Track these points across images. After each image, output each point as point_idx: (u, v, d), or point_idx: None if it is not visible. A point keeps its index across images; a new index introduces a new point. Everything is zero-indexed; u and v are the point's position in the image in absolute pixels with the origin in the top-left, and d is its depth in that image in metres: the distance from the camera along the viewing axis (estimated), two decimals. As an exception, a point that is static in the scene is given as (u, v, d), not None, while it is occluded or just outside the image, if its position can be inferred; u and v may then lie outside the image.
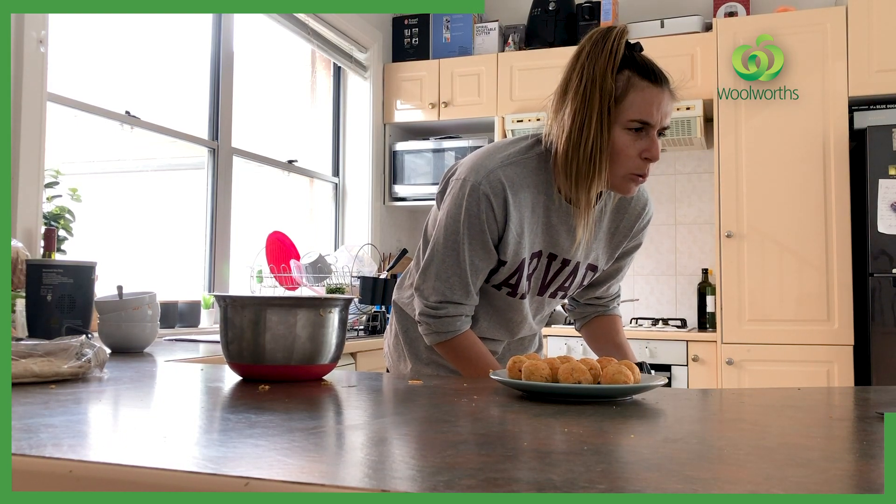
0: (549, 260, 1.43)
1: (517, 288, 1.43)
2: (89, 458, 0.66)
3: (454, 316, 1.39)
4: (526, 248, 1.39)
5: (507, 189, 1.33)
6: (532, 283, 1.46)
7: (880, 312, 3.12)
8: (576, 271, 1.46)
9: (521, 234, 1.37)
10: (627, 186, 1.34)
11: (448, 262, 1.36)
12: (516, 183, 1.34)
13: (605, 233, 1.47)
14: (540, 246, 1.41)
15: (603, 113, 1.27)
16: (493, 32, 4.08)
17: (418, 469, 0.66)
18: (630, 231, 1.49)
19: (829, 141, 3.31)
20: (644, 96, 1.28)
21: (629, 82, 1.28)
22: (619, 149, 1.29)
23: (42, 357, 1.15)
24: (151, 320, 1.91)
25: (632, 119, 1.28)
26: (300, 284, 3.13)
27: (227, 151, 3.12)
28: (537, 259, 1.42)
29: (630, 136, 1.29)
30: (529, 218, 1.37)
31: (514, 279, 1.41)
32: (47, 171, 2.22)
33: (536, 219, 1.38)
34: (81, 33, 2.60)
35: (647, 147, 1.30)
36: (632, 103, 1.27)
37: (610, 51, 1.27)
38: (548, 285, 1.47)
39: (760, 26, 3.43)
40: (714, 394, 1.27)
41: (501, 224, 1.34)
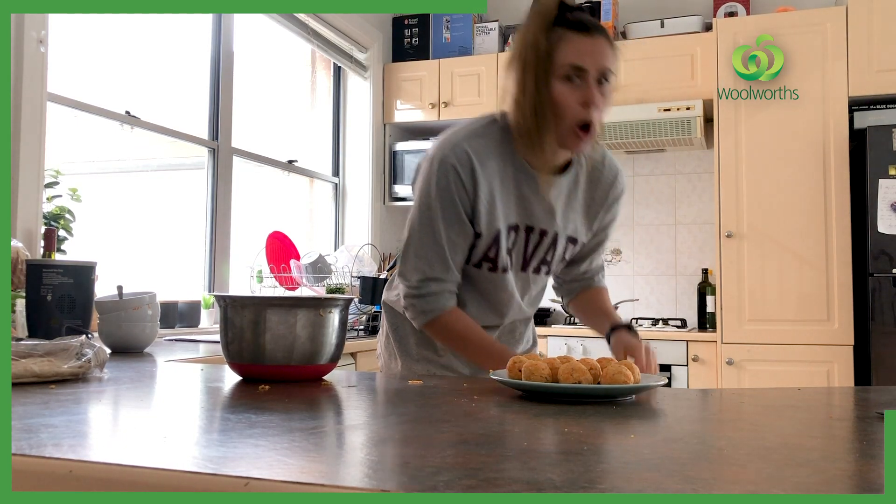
0: (528, 233, 1.46)
1: (497, 261, 1.44)
2: (89, 458, 0.66)
3: (436, 293, 1.40)
4: (500, 218, 1.41)
5: (473, 159, 1.37)
6: (514, 259, 1.47)
7: (880, 312, 3.12)
8: (555, 243, 1.49)
9: (492, 203, 1.39)
10: (575, 141, 1.36)
11: (425, 240, 1.40)
12: (482, 153, 1.38)
13: (580, 204, 1.50)
14: (516, 219, 1.43)
15: (538, 72, 1.32)
16: (493, 32, 4.08)
17: (418, 469, 0.66)
18: (604, 201, 1.52)
19: (829, 141, 3.31)
20: (574, 45, 1.32)
21: (561, 37, 1.33)
22: (559, 99, 1.32)
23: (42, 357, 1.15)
24: (151, 320, 1.91)
25: (564, 65, 1.32)
26: (300, 284, 3.13)
27: (227, 151, 3.12)
28: (514, 232, 1.45)
29: (568, 86, 1.32)
30: (499, 188, 1.40)
31: (492, 252, 1.43)
32: (47, 171, 2.22)
33: (507, 190, 1.41)
34: (81, 33, 2.60)
35: (585, 94, 1.32)
36: (564, 53, 1.32)
37: (539, 13, 1.34)
38: (529, 259, 1.49)
39: (760, 26, 3.43)
40: (714, 394, 1.27)
41: (472, 193, 1.38)
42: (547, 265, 1.52)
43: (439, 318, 1.41)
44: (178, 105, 3.02)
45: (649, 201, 4.08)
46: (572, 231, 1.50)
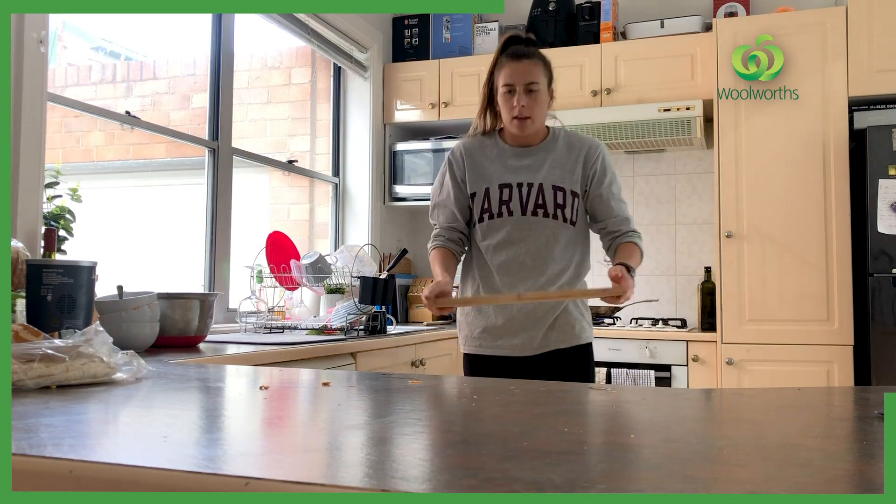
0: (519, 187, 2.03)
1: (491, 209, 2.04)
2: (89, 458, 0.66)
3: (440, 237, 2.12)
4: (486, 179, 2.05)
5: (463, 150, 2.11)
6: (513, 207, 2.03)
7: (880, 312, 3.12)
8: (542, 190, 2.02)
9: (480, 172, 2.07)
10: (516, 126, 2.01)
11: (438, 202, 2.15)
12: (469, 146, 2.11)
13: (559, 162, 2.05)
14: (510, 179, 2.04)
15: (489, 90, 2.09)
16: (494, 32, 4.08)
17: (418, 469, 0.66)
18: (580, 158, 2.05)
19: (828, 141, 3.31)
20: (507, 69, 2.00)
21: (500, 63, 2.04)
22: (503, 104, 2.02)
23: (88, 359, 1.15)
24: (151, 320, 1.91)
25: (502, 85, 2.00)
26: (300, 284, 3.13)
27: (227, 151, 3.12)
28: (508, 189, 2.03)
29: (506, 97, 2.00)
30: (487, 163, 2.07)
31: (485, 203, 2.05)
32: (47, 171, 2.22)
33: (494, 163, 2.07)
34: (81, 33, 2.60)
35: (515, 100, 1.99)
36: (501, 76, 2.01)
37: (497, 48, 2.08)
38: (526, 205, 2.02)
39: (760, 26, 3.42)
40: (714, 394, 1.27)
41: (462, 169, 2.09)
42: (543, 208, 2.02)
43: (432, 252, 2.11)
44: (178, 105, 3.02)
45: (649, 201, 4.08)
46: (555, 180, 2.03)
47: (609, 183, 2.06)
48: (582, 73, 3.80)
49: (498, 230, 2.04)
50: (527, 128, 2.01)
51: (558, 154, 2.06)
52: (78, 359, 1.13)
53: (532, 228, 2.02)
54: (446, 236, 2.10)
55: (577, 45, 3.87)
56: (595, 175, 2.05)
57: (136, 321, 1.86)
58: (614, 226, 2.06)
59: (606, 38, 3.82)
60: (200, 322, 2.14)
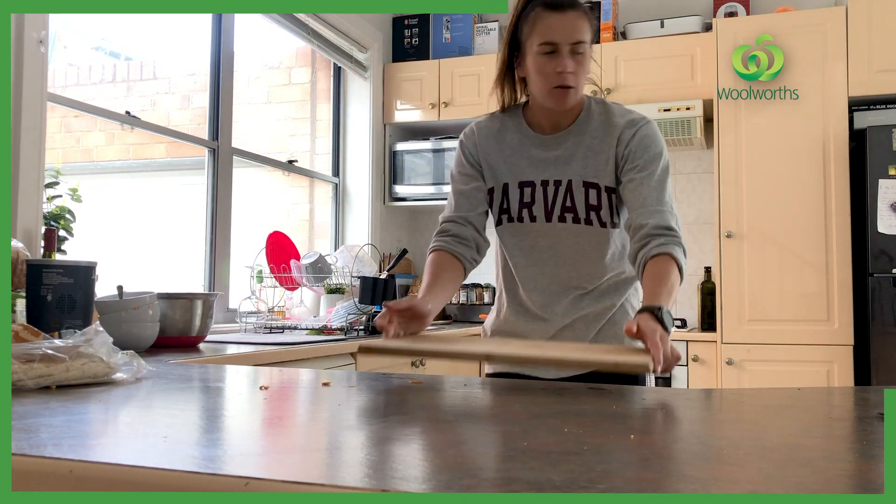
0: (544, 186, 1.62)
1: (510, 211, 1.65)
2: (89, 458, 0.66)
3: (445, 235, 1.66)
4: (505, 175, 1.65)
5: (475, 134, 1.71)
6: (536, 211, 1.63)
7: (880, 312, 3.12)
8: (571, 189, 1.60)
9: (496, 164, 1.67)
10: (555, 100, 1.56)
11: (451, 195, 1.72)
12: (485, 129, 1.71)
13: (593, 150, 1.60)
14: (532, 175, 1.63)
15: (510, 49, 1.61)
16: (493, 33, 4.08)
17: (418, 469, 0.66)
18: (615, 142, 1.58)
19: (829, 141, 3.31)
20: (546, 23, 1.52)
21: (534, 14, 1.54)
22: (539, 70, 1.54)
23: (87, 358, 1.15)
24: (151, 320, 1.91)
25: (540, 44, 1.52)
26: (300, 284, 3.12)
27: (227, 151, 3.12)
28: (531, 188, 1.63)
29: (545, 59, 1.52)
30: (506, 153, 1.66)
31: (504, 203, 1.65)
32: (47, 171, 2.22)
33: (516, 154, 1.66)
34: (81, 33, 2.60)
35: (559, 63, 1.52)
36: (538, 31, 1.53)
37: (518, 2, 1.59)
38: (552, 210, 1.62)
39: (760, 26, 3.43)
40: (714, 394, 1.27)
41: (476, 158, 1.69)
42: (572, 212, 1.60)
43: (430, 255, 1.66)
44: (178, 105, 3.02)
45: (649, 201, 4.08)
46: (587, 175, 1.59)
47: (644, 165, 1.54)
48: (582, 73, 3.80)
49: (520, 237, 1.65)
50: (569, 100, 1.55)
51: (592, 137, 1.60)
52: (78, 359, 1.13)
53: (561, 236, 1.61)
54: (452, 232, 1.64)
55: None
56: (629, 156, 1.56)
57: (136, 321, 1.86)
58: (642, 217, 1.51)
59: (606, 38, 3.82)
60: (201, 322, 2.14)
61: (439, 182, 4.01)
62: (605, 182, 1.59)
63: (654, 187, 1.54)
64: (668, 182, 1.58)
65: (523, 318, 1.65)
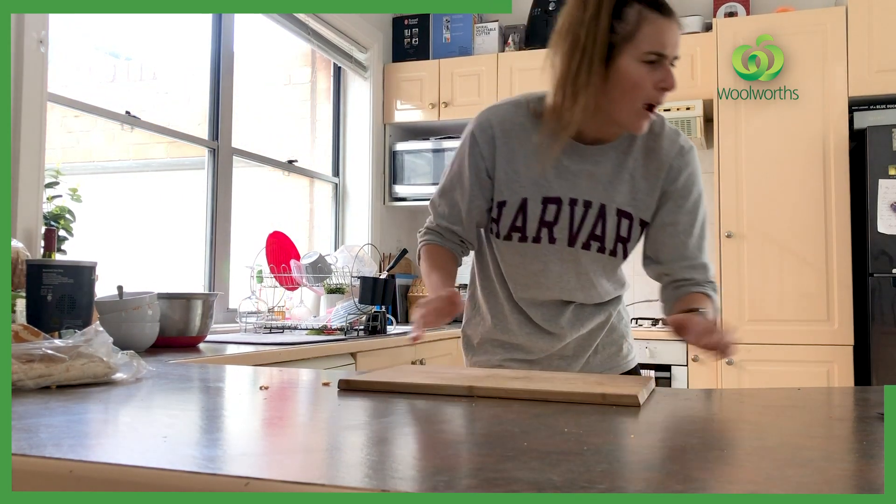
0: (571, 206, 1.41)
1: (525, 230, 1.43)
2: (89, 458, 0.66)
3: (438, 232, 1.52)
4: (527, 187, 1.41)
5: (494, 129, 1.42)
6: (557, 234, 1.43)
7: (880, 312, 3.12)
8: (604, 216, 1.42)
9: (514, 171, 1.41)
10: (639, 122, 1.34)
11: (447, 192, 1.50)
12: (507, 123, 1.42)
13: (632, 175, 1.42)
14: (559, 191, 1.40)
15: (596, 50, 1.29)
16: (493, 33, 4.08)
17: (418, 469, 0.66)
18: (660, 173, 1.42)
19: (829, 141, 3.31)
20: (657, 28, 1.29)
21: (640, 15, 1.29)
22: (636, 81, 1.30)
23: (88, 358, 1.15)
24: (151, 320, 1.91)
25: (647, 52, 1.29)
26: (300, 284, 3.12)
27: (227, 151, 3.12)
28: (556, 206, 1.41)
29: (645, 69, 1.30)
30: (528, 158, 1.41)
31: (518, 221, 1.43)
32: (47, 171, 2.22)
33: (540, 160, 1.40)
34: (81, 33, 2.60)
35: (663, 77, 1.31)
36: (645, 36, 1.28)
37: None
38: (577, 234, 1.43)
39: (760, 26, 3.43)
40: (714, 394, 1.27)
41: (489, 160, 1.43)
42: (599, 241, 1.43)
43: (425, 247, 1.53)
44: (178, 105, 3.02)
45: (649, 201, 4.08)
46: (623, 203, 1.42)
47: (691, 209, 1.45)
48: (582, 73, 3.79)
49: (530, 259, 1.45)
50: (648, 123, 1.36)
51: (638, 160, 1.42)
52: (78, 359, 1.13)
53: (578, 262, 1.45)
54: (443, 235, 1.52)
55: None
56: (674, 195, 1.43)
57: (136, 321, 1.86)
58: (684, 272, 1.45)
59: (606, 38, 3.81)
60: (200, 322, 2.14)
61: (439, 182, 4.01)
62: (641, 214, 1.43)
63: (697, 236, 1.45)
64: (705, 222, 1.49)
65: (526, 329, 1.52)
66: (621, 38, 1.29)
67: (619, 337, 1.61)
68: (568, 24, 1.32)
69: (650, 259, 1.49)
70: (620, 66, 1.30)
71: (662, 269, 1.46)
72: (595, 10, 1.29)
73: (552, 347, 1.52)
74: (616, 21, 1.28)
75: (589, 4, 1.29)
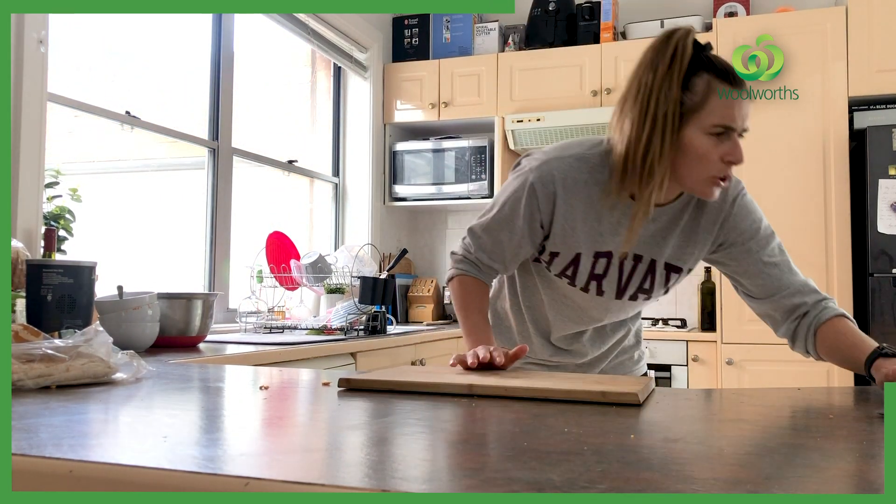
0: (622, 260, 1.42)
1: (574, 280, 1.44)
2: (89, 458, 0.66)
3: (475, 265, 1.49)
4: (581, 243, 1.40)
5: (556, 185, 1.37)
6: (606, 287, 1.44)
7: (880, 312, 3.12)
8: (653, 270, 1.43)
9: (572, 227, 1.39)
10: (710, 190, 1.33)
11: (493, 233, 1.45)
12: (570, 179, 1.37)
13: (684, 230, 1.42)
14: (610, 246, 1.40)
15: (667, 120, 1.26)
16: (493, 33, 4.08)
17: (418, 469, 0.66)
18: (713, 227, 1.42)
19: (829, 141, 3.31)
20: (726, 101, 1.26)
21: (709, 87, 1.26)
22: (702, 153, 1.28)
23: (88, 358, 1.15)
24: (151, 320, 1.91)
25: (715, 124, 1.26)
26: (300, 284, 3.13)
27: (227, 151, 3.12)
28: (607, 261, 1.41)
29: (712, 141, 1.28)
30: (587, 214, 1.38)
31: (569, 271, 1.44)
32: (47, 171, 2.22)
33: (599, 218, 1.38)
34: (81, 33, 2.60)
35: (730, 150, 1.29)
36: (714, 108, 1.26)
37: (673, 55, 1.26)
38: (625, 287, 1.45)
39: (760, 26, 3.43)
40: (714, 394, 1.27)
41: (547, 215, 1.39)
42: (646, 293, 1.46)
43: (463, 278, 1.49)
44: (178, 105, 3.02)
45: (649, 201, 4.08)
46: (672, 257, 1.43)
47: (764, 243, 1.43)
48: (582, 73, 3.80)
49: (571, 302, 1.49)
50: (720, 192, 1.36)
51: (689, 215, 1.42)
52: (78, 359, 1.13)
53: (623, 308, 1.51)
54: (480, 269, 1.50)
55: (577, 45, 3.87)
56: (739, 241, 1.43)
57: (136, 321, 1.86)
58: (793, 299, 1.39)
59: (606, 39, 3.82)
60: (200, 322, 2.14)
61: (439, 182, 4.01)
62: (690, 265, 1.45)
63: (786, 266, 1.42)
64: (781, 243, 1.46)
65: (549, 350, 1.57)
66: (689, 109, 1.26)
67: (634, 345, 1.66)
68: (636, 87, 1.29)
69: (753, 299, 1.45)
70: (686, 137, 1.27)
71: (770, 307, 1.43)
72: (666, 79, 1.25)
73: (573, 362, 1.58)
74: (684, 91, 1.26)
75: (659, 71, 1.26)
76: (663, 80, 1.25)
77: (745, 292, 1.46)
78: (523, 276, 1.55)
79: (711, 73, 1.27)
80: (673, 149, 1.27)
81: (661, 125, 1.26)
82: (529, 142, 3.83)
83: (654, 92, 1.26)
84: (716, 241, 1.43)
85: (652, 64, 1.28)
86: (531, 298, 1.55)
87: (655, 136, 1.26)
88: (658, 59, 1.27)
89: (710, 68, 1.27)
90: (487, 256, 1.47)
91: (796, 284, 1.40)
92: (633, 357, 1.66)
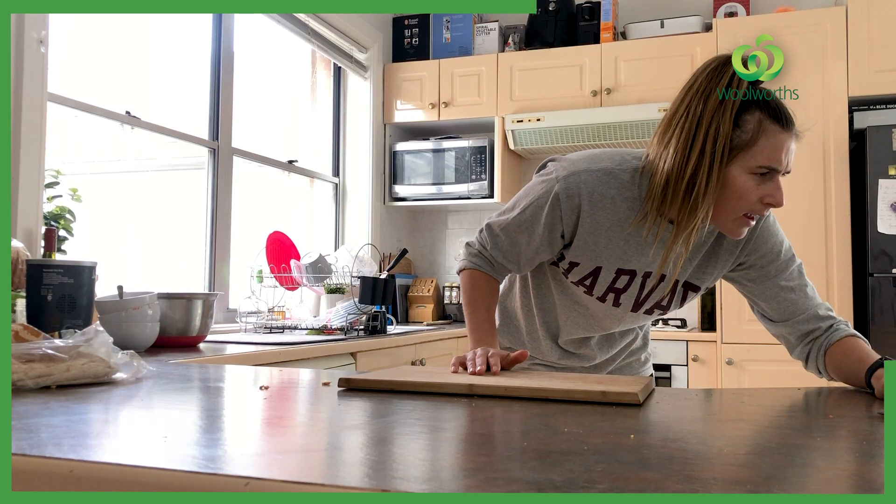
0: (644, 278, 1.41)
1: (592, 289, 1.43)
2: (90, 458, 0.66)
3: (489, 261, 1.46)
4: (604, 258, 1.37)
5: (582, 196, 1.32)
6: (623, 300, 1.43)
7: (880, 312, 3.12)
8: (673, 289, 1.43)
9: (595, 242, 1.35)
10: (738, 230, 1.30)
11: (511, 235, 1.41)
12: (597, 195, 1.32)
13: (706, 252, 1.41)
14: (634, 264, 1.38)
15: (716, 155, 1.21)
16: (494, 33, 4.08)
17: (418, 469, 0.66)
18: (735, 249, 1.40)
19: (828, 141, 3.31)
20: (775, 142, 1.23)
21: (760, 126, 1.23)
22: (742, 192, 1.24)
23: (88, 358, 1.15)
24: (151, 320, 1.91)
25: (761, 165, 1.23)
26: (300, 284, 3.13)
27: (227, 151, 3.12)
28: (629, 277, 1.40)
29: (755, 181, 1.24)
30: (611, 230, 1.34)
31: (587, 281, 1.42)
32: (47, 171, 2.22)
33: (624, 234, 1.34)
34: (81, 33, 2.60)
35: (772, 192, 1.26)
36: (762, 149, 1.23)
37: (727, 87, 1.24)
38: (642, 302, 1.45)
39: (760, 26, 3.42)
40: (714, 394, 1.27)
41: (570, 228, 1.35)
42: (663, 309, 1.47)
43: (475, 272, 1.46)
44: (178, 105, 3.02)
45: (649, 201, 4.08)
46: (693, 277, 1.42)
47: (783, 267, 1.41)
48: (582, 73, 3.80)
49: (584, 310, 1.48)
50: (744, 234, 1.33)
51: (713, 237, 1.41)
52: (78, 359, 1.13)
53: (636, 319, 1.51)
54: (494, 266, 1.47)
55: (577, 45, 3.87)
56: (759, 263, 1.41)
57: (136, 321, 1.86)
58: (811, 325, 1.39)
59: (606, 39, 3.82)
60: (201, 322, 2.14)
61: (439, 182, 4.01)
62: (708, 284, 1.44)
63: (802, 291, 1.40)
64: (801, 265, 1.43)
65: (557, 353, 1.56)
66: (737, 146, 1.22)
67: (641, 347, 1.67)
68: (684, 114, 1.24)
69: (769, 321, 1.45)
70: (730, 174, 1.23)
71: (785, 331, 1.42)
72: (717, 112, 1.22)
73: (581, 366, 1.58)
74: (734, 128, 1.22)
75: (710, 101, 1.22)
76: (714, 113, 1.22)
77: (761, 313, 1.45)
78: (538, 277, 1.52)
79: (764, 111, 1.24)
80: (718, 184, 1.23)
81: (710, 160, 1.22)
82: (529, 142, 3.83)
83: (703, 123, 1.22)
84: (736, 260, 1.42)
85: (703, 93, 1.23)
86: (543, 301, 1.53)
87: (701, 170, 1.22)
88: (710, 88, 1.23)
89: (763, 106, 1.25)
90: (503, 256, 1.44)
91: (812, 309, 1.38)
92: (641, 359, 1.67)
